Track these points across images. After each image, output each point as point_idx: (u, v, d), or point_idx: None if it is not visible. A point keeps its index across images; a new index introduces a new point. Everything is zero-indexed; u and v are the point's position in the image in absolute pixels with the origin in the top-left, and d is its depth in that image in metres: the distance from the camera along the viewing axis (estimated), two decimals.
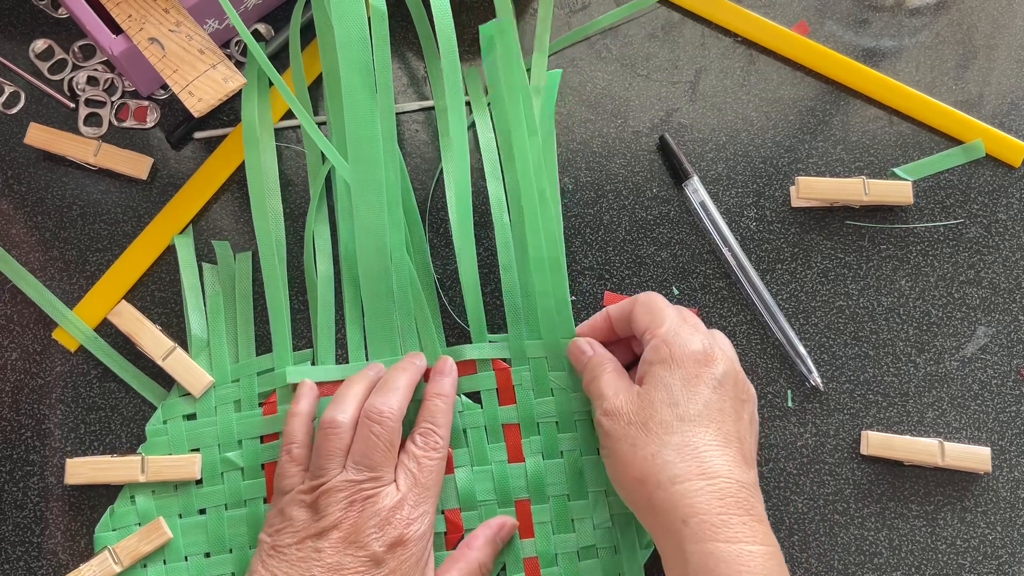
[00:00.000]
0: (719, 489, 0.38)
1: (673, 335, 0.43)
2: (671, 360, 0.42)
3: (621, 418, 0.42)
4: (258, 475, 0.47)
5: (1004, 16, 0.57)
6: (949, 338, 0.51)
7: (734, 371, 0.43)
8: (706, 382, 0.41)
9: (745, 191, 0.53)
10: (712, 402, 0.41)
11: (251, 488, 0.46)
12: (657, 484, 0.39)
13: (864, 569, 0.48)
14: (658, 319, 0.44)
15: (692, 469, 0.39)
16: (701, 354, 0.42)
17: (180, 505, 0.47)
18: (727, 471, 0.39)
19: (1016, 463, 0.50)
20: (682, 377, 0.41)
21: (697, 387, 0.41)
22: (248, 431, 0.47)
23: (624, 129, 0.54)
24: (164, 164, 0.53)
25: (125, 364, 0.49)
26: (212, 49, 0.48)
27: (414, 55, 0.55)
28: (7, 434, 0.49)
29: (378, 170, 0.48)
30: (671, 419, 0.40)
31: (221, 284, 0.50)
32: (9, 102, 0.53)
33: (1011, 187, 0.54)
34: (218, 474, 0.47)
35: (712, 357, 0.42)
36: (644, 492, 0.40)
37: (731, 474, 0.39)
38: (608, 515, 0.47)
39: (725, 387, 0.42)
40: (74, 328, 0.49)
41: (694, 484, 0.38)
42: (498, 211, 0.50)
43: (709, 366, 0.42)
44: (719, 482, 0.39)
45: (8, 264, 0.50)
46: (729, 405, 0.42)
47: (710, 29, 0.56)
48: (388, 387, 0.44)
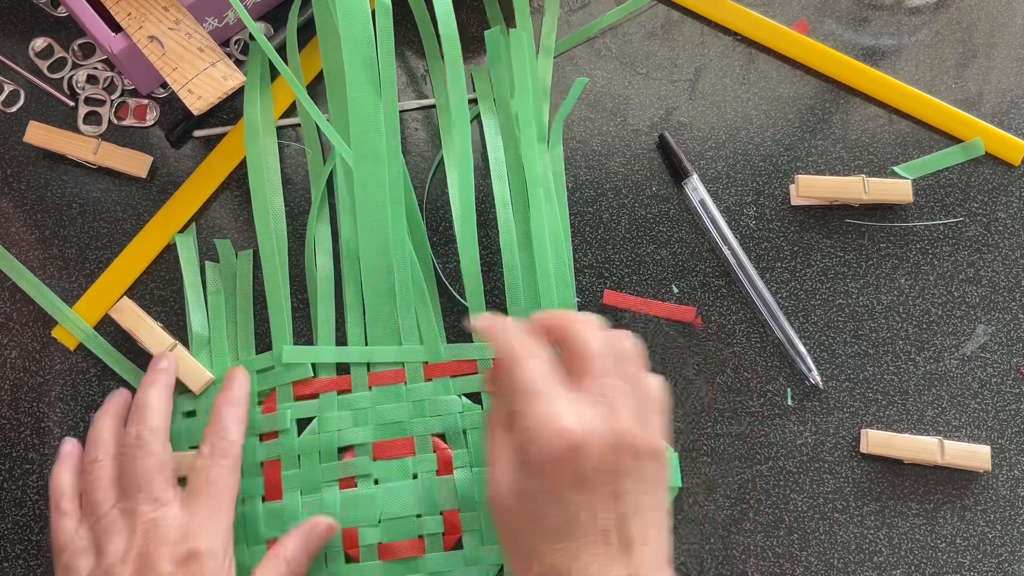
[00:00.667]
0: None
1: (535, 428, 0.36)
2: (531, 465, 0.37)
3: (497, 515, 0.39)
4: (256, 473, 0.46)
5: (1004, 15, 0.57)
6: (949, 336, 0.51)
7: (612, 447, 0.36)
8: (569, 486, 0.36)
9: (745, 189, 0.53)
10: (576, 505, 0.36)
11: (249, 486, 0.46)
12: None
13: (864, 567, 0.48)
14: (519, 400, 0.37)
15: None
16: (561, 454, 0.36)
17: None
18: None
19: (1016, 461, 0.50)
20: (543, 486, 0.36)
21: (558, 494, 0.36)
22: (249, 429, 0.47)
23: (624, 127, 0.54)
24: (164, 162, 0.53)
25: (124, 362, 0.49)
26: (212, 47, 0.48)
27: (413, 53, 0.55)
28: (6, 432, 0.49)
29: (382, 166, 0.48)
30: (533, 536, 0.37)
31: (223, 282, 0.50)
32: (9, 100, 0.53)
33: (1011, 185, 0.54)
34: None
35: (577, 450, 0.36)
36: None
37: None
38: None
39: (594, 480, 0.36)
40: (74, 326, 0.49)
41: None
42: (503, 212, 0.50)
43: (573, 465, 0.36)
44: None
45: (7, 262, 0.50)
46: (600, 496, 0.36)
47: (709, 27, 0.56)
48: (140, 407, 0.44)
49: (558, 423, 0.36)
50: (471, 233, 0.49)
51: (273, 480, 0.46)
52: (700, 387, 0.50)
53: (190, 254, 0.51)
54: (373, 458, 0.46)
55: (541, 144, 0.51)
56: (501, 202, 0.50)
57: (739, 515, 0.48)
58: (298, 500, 0.46)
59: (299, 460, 0.46)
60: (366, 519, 0.46)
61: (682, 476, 0.49)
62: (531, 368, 0.38)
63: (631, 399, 0.38)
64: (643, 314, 0.51)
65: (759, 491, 0.49)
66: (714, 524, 0.48)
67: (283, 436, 0.47)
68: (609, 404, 0.37)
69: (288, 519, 0.45)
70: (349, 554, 0.45)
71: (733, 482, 0.49)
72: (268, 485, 0.46)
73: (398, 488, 0.46)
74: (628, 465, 0.37)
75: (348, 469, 0.46)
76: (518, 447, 0.38)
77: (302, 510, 0.46)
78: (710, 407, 0.50)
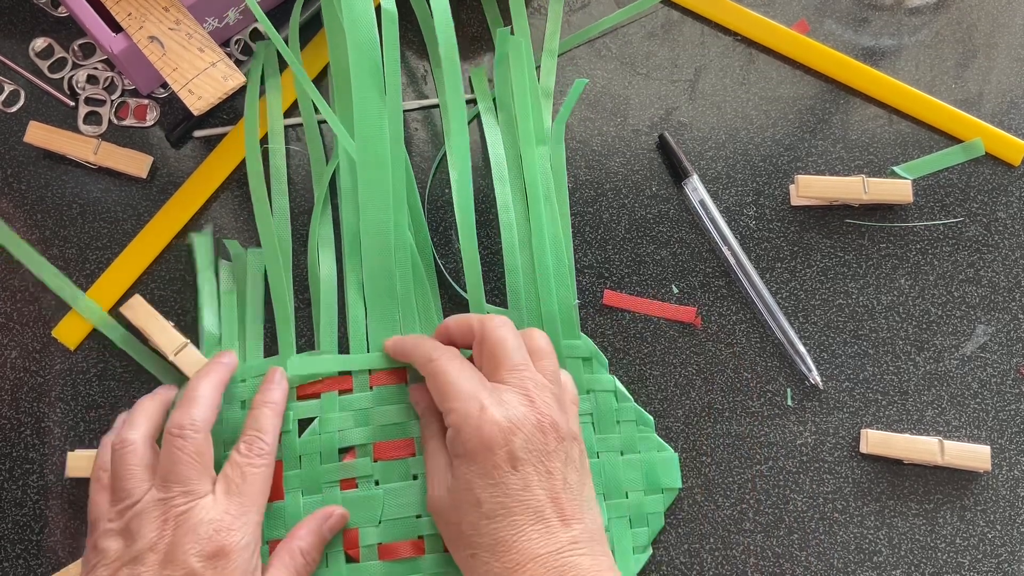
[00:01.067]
0: (536, 571, 0.38)
1: (461, 421, 0.40)
2: (465, 455, 0.40)
3: (439, 516, 0.42)
4: None
5: (1004, 15, 0.57)
6: (949, 336, 0.51)
7: (535, 430, 0.40)
8: (503, 468, 0.39)
9: (744, 189, 0.53)
10: (514, 485, 0.39)
11: None
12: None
13: (863, 567, 0.48)
14: (445, 400, 0.41)
15: (508, 564, 0.38)
16: (493, 436, 0.39)
17: None
18: (541, 548, 0.38)
19: (1016, 461, 0.50)
20: (479, 471, 0.39)
21: (495, 477, 0.39)
22: None
23: (624, 128, 0.54)
24: (164, 162, 0.53)
25: (139, 347, 0.49)
26: (212, 47, 0.48)
27: (413, 53, 0.55)
28: (6, 432, 0.49)
29: (386, 169, 0.48)
30: (477, 519, 0.39)
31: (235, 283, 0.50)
32: (9, 100, 0.53)
33: (1010, 186, 0.54)
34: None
35: (506, 433, 0.39)
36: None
37: (545, 549, 0.38)
38: (606, 519, 0.47)
39: (526, 459, 0.39)
40: (88, 311, 0.49)
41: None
42: (505, 215, 0.50)
43: (504, 446, 0.39)
44: (533, 566, 0.38)
45: (22, 249, 0.50)
46: (535, 474, 0.39)
47: (710, 28, 0.56)
48: (188, 398, 0.43)
49: (485, 412, 0.40)
50: (471, 234, 0.49)
51: (275, 481, 0.46)
52: (700, 387, 0.50)
53: (206, 254, 0.51)
54: (374, 459, 0.46)
55: (541, 145, 0.51)
56: (502, 204, 0.50)
57: (739, 515, 0.48)
58: (299, 501, 0.46)
59: (300, 461, 0.46)
60: (367, 520, 0.46)
61: (682, 476, 0.49)
62: (451, 368, 0.42)
63: (547, 390, 0.42)
64: (643, 314, 0.51)
65: (759, 491, 0.49)
66: (714, 524, 0.48)
67: (285, 437, 0.47)
68: (528, 393, 0.41)
69: (289, 519, 0.45)
70: (349, 554, 0.45)
71: (733, 482, 0.49)
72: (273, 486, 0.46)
73: (398, 489, 0.46)
74: (553, 445, 0.40)
75: (349, 470, 0.46)
76: (451, 443, 0.41)
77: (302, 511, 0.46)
78: (710, 407, 0.50)
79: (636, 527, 0.47)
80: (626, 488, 0.47)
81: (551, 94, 0.54)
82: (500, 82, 0.53)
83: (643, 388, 0.50)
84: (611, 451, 0.48)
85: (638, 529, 0.47)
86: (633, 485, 0.48)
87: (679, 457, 0.49)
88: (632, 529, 0.47)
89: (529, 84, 0.52)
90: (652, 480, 0.48)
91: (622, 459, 0.48)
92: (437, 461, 0.43)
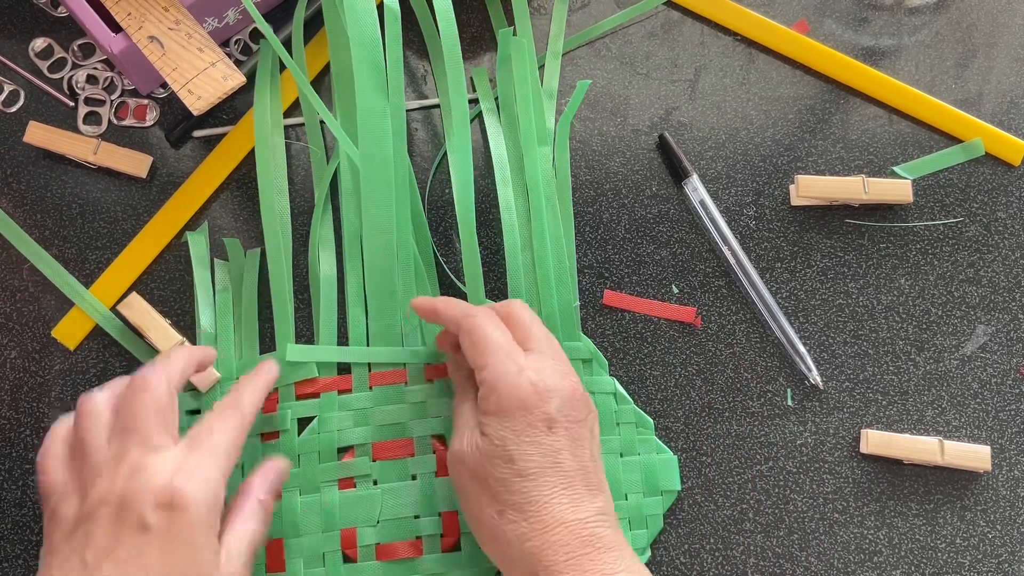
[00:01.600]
0: (563, 537, 0.38)
1: (498, 378, 0.40)
2: (500, 411, 0.40)
3: (464, 469, 0.41)
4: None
5: (1004, 15, 0.57)
6: (949, 336, 0.51)
7: (569, 398, 0.41)
8: (539, 428, 0.39)
9: (744, 189, 0.53)
10: (549, 447, 0.39)
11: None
12: (507, 543, 0.39)
13: (864, 567, 0.48)
14: (483, 357, 0.41)
15: (536, 526, 0.38)
16: (531, 396, 0.40)
17: None
18: (571, 515, 0.39)
19: (1016, 461, 0.50)
20: (514, 429, 0.39)
21: (531, 436, 0.39)
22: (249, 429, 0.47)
23: (623, 127, 0.54)
24: (163, 162, 0.53)
25: (139, 344, 0.49)
26: (211, 47, 0.48)
27: (413, 53, 0.55)
28: (6, 432, 0.49)
29: (388, 169, 0.48)
30: (509, 476, 0.39)
31: (231, 281, 0.50)
32: (8, 100, 0.53)
33: (1010, 186, 0.54)
34: None
35: (543, 395, 0.40)
36: (496, 548, 0.40)
37: (574, 516, 0.39)
38: None
39: (560, 423, 0.40)
40: (90, 308, 0.49)
41: (539, 540, 0.38)
42: (507, 216, 0.50)
43: (541, 407, 0.40)
44: (562, 531, 0.38)
45: (26, 244, 0.50)
46: (567, 440, 0.40)
47: (709, 28, 0.56)
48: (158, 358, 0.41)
49: (524, 372, 0.40)
50: (471, 232, 0.49)
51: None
52: (700, 387, 0.50)
53: (202, 252, 0.51)
54: (373, 459, 0.46)
55: (543, 147, 0.51)
56: (505, 205, 0.50)
57: (739, 515, 0.48)
58: (297, 500, 0.46)
59: (299, 460, 0.46)
60: (365, 519, 0.46)
61: (682, 477, 0.49)
62: (489, 326, 0.42)
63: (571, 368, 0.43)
64: (643, 314, 0.51)
65: (759, 491, 0.49)
66: (714, 524, 0.48)
67: (283, 436, 0.47)
68: (560, 364, 0.42)
69: (286, 518, 0.45)
70: (347, 554, 0.45)
71: (733, 482, 0.49)
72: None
73: (397, 489, 0.46)
74: (583, 415, 0.41)
75: (347, 469, 0.46)
76: (483, 400, 0.41)
77: (300, 510, 0.46)
78: (710, 407, 0.50)
79: (635, 529, 0.47)
80: (625, 490, 0.47)
81: (555, 95, 0.54)
82: (503, 82, 0.53)
83: (643, 388, 0.50)
84: (611, 453, 0.48)
85: (637, 531, 0.47)
86: (632, 487, 0.48)
87: (679, 458, 0.49)
88: (631, 531, 0.47)
89: (532, 85, 0.52)
90: (651, 482, 0.48)
91: (621, 461, 0.48)
92: (468, 419, 0.42)
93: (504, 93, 0.53)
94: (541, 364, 0.41)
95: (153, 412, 0.38)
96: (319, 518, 0.46)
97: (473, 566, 0.46)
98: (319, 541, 0.45)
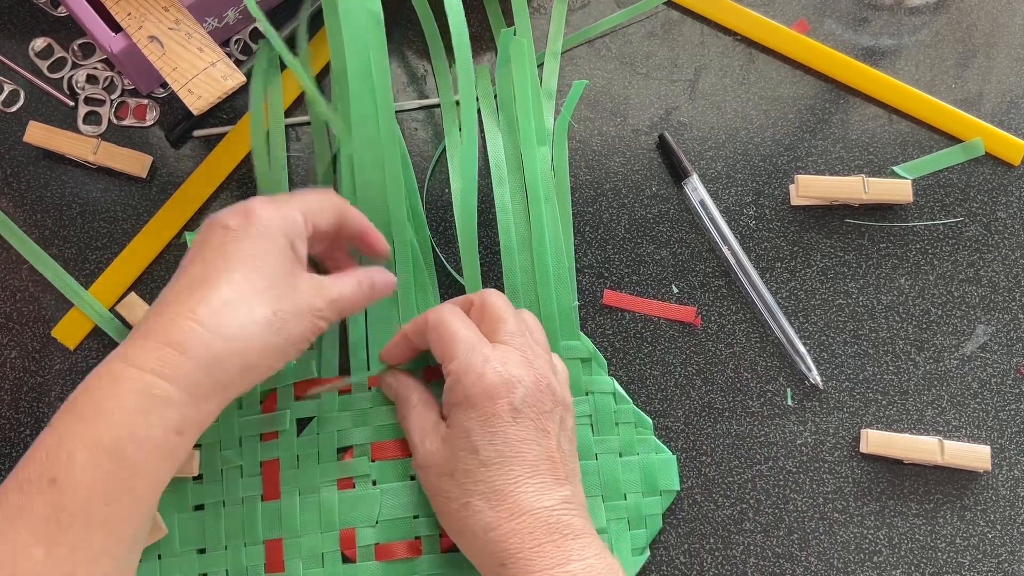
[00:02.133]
0: (529, 525, 0.38)
1: (464, 370, 0.40)
2: (465, 402, 0.40)
3: (432, 470, 0.41)
4: (256, 473, 0.47)
5: (1004, 15, 0.57)
6: (949, 336, 0.51)
7: (534, 388, 0.41)
8: (504, 418, 0.40)
9: (744, 189, 0.53)
10: (513, 436, 0.40)
11: (249, 485, 0.46)
12: (474, 534, 0.39)
13: (864, 567, 0.48)
14: (449, 349, 0.41)
15: (502, 514, 0.39)
16: (496, 387, 0.40)
17: (177, 500, 0.46)
18: (536, 502, 0.39)
19: (1016, 461, 0.50)
20: (479, 419, 0.40)
21: (496, 425, 0.40)
22: (249, 429, 0.47)
23: (623, 127, 0.54)
24: (163, 162, 0.53)
25: None
26: (211, 47, 0.48)
27: (413, 53, 0.55)
28: (6, 432, 0.49)
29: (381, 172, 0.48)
30: (475, 467, 0.40)
31: None
32: (8, 100, 0.53)
33: (1010, 185, 0.54)
34: (217, 471, 0.47)
35: (508, 385, 0.40)
36: (465, 541, 0.40)
37: (540, 504, 0.39)
38: (604, 521, 0.47)
39: (525, 413, 0.40)
40: (90, 308, 0.49)
41: (505, 528, 0.38)
42: (503, 217, 0.50)
43: (506, 397, 0.40)
44: (527, 518, 0.38)
45: (25, 244, 0.50)
46: (532, 430, 0.40)
47: (709, 27, 0.56)
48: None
49: (489, 363, 0.40)
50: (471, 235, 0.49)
51: (271, 480, 0.46)
52: (700, 387, 0.50)
53: None
54: (372, 459, 0.46)
55: (542, 147, 0.51)
56: (501, 206, 0.50)
57: (739, 515, 0.48)
58: (296, 500, 0.46)
59: (297, 460, 0.46)
60: (364, 520, 0.46)
61: (682, 477, 0.48)
62: (454, 319, 0.42)
63: (542, 356, 0.42)
64: (643, 314, 0.51)
65: (759, 491, 0.49)
66: (714, 524, 0.48)
67: (282, 436, 0.47)
68: (526, 355, 0.42)
69: (286, 519, 0.45)
70: (346, 555, 0.45)
71: (733, 482, 0.49)
72: (266, 485, 0.46)
73: (396, 489, 0.46)
74: (549, 406, 0.41)
75: (346, 470, 0.46)
76: (449, 392, 0.41)
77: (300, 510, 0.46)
78: (710, 407, 0.50)
79: (634, 529, 0.47)
80: (624, 490, 0.47)
81: (553, 95, 0.54)
82: (502, 82, 0.53)
83: (643, 388, 0.50)
84: (610, 453, 0.48)
85: (636, 531, 0.47)
86: (631, 487, 0.48)
87: (679, 457, 0.49)
88: (630, 531, 0.47)
89: (531, 85, 0.52)
90: (650, 482, 0.48)
91: (620, 461, 0.48)
92: (425, 419, 0.43)
93: (503, 93, 0.53)
94: (507, 355, 0.41)
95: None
96: (318, 518, 0.46)
97: (471, 567, 0.46)
98: (318, 541, 0.45)
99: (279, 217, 0.40)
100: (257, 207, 0.40)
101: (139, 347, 0.36)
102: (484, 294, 0.44)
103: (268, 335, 0.38)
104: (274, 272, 0.39)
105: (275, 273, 0.39)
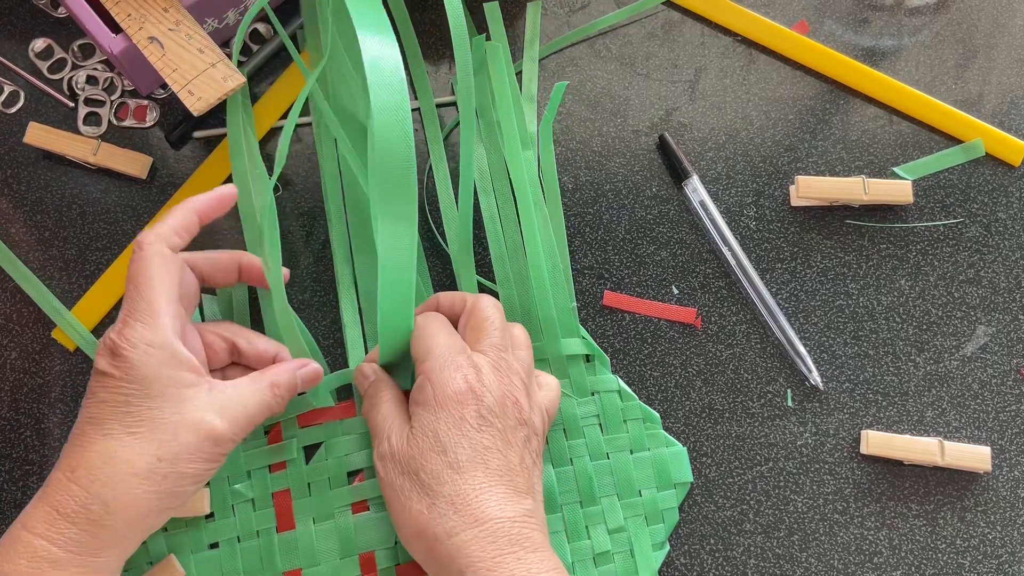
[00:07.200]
0: (491, 533, 0.38)
1: (436, 372, 0.41)
2: (433, 403, 0.40)
3: (394, 465, 0.41)
4: (268, 505, 0.46)
5: (1004, 16, 0.57)
6: (949, 337, 0.51)
7: (500, 401, 0.41)
8: (471, 423, 0.40)
9: (745, 190, 0.53)
10: (479, 443, 0.40)
11: (262, 518, 0.46)
12: (435, 537, 0.39)
13: (864, 568, 0.48)
14: (423, 349, 0.42)
15: (465, 519, 0.38)
16: (463, 392, 0.40)
17: (191, 541, 0.46)
18: (499, 511, 0.39)
19: (1016, 462, 0.50)
20: (447, 420, 0.40)
21: (462, 429, 0.40)
22: (256, 461, 0.47)
23: (623, 128, 0.54)
24: (163, 163, 0.53)
25: None
26: (211, 48, 0.48)
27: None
28: (6, 433, 0.49)
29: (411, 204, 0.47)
30: (441, 468, 0.39)
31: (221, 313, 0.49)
32: (8, 101, 0.53)
33: (1011, 186, 0.54)
34: (228, 507, 0.46)
35: (476, 392, 0.40)
36: (423, 545, 0.40)
37: (502, 513, 0.39)
38: (622, 519, 0.47)
39: (492, 423, 0.40)
40: (72, 331, 0.49)
41: (467, 534, 0.38)
42: (491, 225, 0.50)
43: (472, 404, 0.40)
44: (490, 526, 0.38)
45: (11, 263, 0.50)
46: (496, 440, 0.40)
47: (710, 28, 0.56)
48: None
49: (461, 368, 0.41)
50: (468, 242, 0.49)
51: (284, 510, 0.46)
52: (700, 388, 0.50)
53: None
54: None
55: (527, 151, 0.51)
56: (488, 216, 0.50)
57: (739, 516, 0.48)
58: (311, 528, 0.45)
59: (309, 488, 0.46)
60: (381, 542, 0.46)
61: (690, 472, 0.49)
62: (434, 323, 0.43)
63: (518, 375, 0.42)
64: (643, 315, 0.51)
65: (759, 492, 0.49)
66: (714, 525, 0.48)
67: (291, 465, 0.46)
68: (500, 369, 0.42)
69: (303, 549, 0.45)
70: None
71: (733, 483, 0.49)
72: (280, 516, 0.46)
73: None
74: (513, 422, 0.41)
75: (360, 493, 0.46)
76: (418, 390, 0.41)
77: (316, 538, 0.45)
78: (710, 408, 0.50)
79: (652, 524, 0.47)
80: (639, 487, 0.47)
81: (534, 99, 0.54)
82: (478, 88, 0.52)
83: (643, 389, 0.50)
84: (621, 451, 0.48)
85: (654, 526, 0.47)
86: (646, 483, 0.48)
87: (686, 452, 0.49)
88: (648, 527, 0.47)
89: (511, 89, 0.52)
90: (664, 476, 0.48)
91: (632, 457, 0.48)
92: (395, 415, 0.42)
93: (481, 99, 0.52)
94: (480, 364, 0.41)
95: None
96: (336, 545, 0.45)
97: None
98: (338, 568, 0.45)
99: (152, 352, 0.39)
100: (124, 348, 0.39)
101: (34, 510, 0.38)
102: (478, 299, 0.44)
103: (152, 484, 0.38)
104: (152, 415, 0.39)
105: (153, 416, 0.39)
